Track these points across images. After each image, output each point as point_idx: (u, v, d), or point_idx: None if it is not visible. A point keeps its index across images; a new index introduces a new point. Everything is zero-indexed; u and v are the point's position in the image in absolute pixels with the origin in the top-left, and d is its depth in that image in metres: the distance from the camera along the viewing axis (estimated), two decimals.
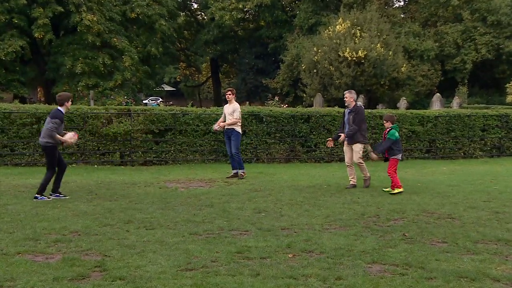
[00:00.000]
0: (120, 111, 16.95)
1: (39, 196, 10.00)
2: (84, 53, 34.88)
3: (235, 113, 13.59)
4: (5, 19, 33.20)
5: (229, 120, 13.61)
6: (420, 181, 13.28)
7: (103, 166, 15.97)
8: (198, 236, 7.15)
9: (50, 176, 10.18)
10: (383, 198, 10.55)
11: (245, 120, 17.42)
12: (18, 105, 16.40)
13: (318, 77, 35.39)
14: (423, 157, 19.59)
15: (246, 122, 17.42)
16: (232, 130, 13.61)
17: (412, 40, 40.42)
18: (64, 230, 7.36)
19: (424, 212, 9.09)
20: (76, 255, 6.11)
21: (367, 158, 16.79)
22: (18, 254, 6.15)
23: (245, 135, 17.48)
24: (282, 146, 18.10)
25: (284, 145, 18.14)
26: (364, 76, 33.66)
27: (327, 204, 9.81)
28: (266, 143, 17.85)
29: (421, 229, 7.71)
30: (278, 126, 18.00)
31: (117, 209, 8.97)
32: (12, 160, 15.45)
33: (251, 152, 17.73)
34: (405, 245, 6.75)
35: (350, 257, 6.19)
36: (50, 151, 10.14)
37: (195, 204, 9.65)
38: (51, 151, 10.13)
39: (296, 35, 44.06)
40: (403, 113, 19.90)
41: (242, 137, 17.33)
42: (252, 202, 9.93)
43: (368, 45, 33.36)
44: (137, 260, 5.92)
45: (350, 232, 7.48)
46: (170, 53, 48.54)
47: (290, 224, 7.99)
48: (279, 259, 6.07)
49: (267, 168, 16.19)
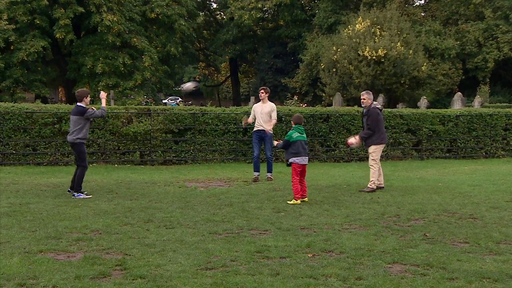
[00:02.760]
0: (140, 110, 17.07)
1: (76, 194, 10.22)
2: (104, 53, 35.15)
3: (273, 113, 12.93)
4: (27, 20, 33.59)
5: (266, 120, 12.89)
6: (441, 181, 13.16)
7: (123, 166, 16.08)
8: (217, 235, 7.17)
9: (82, 171, 10.41)
10: (404, 198, 10.47)
11: None
12: (40, 105, 16.59)
13: (337, 76, 35.26)
14: (444, 157, 19.41)
15: None
16: (265, 131, 12.90)
17: (433, 39, 40.03)
18: (85, 229, 7.43)
19: (445, 212, 9.02)
20: (97, 254, 6.16)
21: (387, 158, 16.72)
22: (41, 252, 6.22)
23: None
24: None
25: None
26: (384, 75, 33.44)
27: (347, 203, 9.78)
28: None
29: (442, 229, 7.64)
30: None
31: (137, 208, 9.04)
32: (34, 160, 15.64)
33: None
34: (426, 245, 6.70)
35: (370, 257, 6.16)
36: (78, 146, 10.39)
37: (214, 203, 9.68)
38: (80, 146, 10.38)
39: (315, 34, 43.90)
40: (423, 113, 19.74)
41: None
42: (271, 201, 9.93)
43: (388, 43, 33.14)
44: (157, 259, 5.96)
45: (370, 232, 7.44)
46: (190, 53, 48.69)
47: (309, 223, 7.98)
48: (299, 259, 6.06)
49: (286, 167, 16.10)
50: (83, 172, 10.41)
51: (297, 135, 10.02)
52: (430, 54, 39.66)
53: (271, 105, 13.10)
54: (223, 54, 56.67)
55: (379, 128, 11.59)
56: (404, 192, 11.25)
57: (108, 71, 34.79)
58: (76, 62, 36.13)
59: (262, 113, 12.99)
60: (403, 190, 11.57)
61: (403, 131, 19.04)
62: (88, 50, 35.59)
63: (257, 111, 13.14)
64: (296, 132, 10.05)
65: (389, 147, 18.72)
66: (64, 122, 15.69)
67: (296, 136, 10.01)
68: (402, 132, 19.02)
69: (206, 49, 60.90)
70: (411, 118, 19.14)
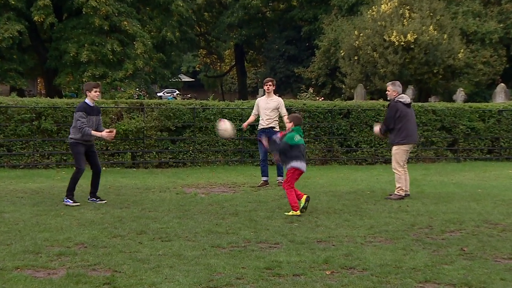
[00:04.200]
0: (131, 105, 17.12)
1: (66, 199, 10.31)
2: (90, 39, 35.19)
3: (281, 108, 12.90)
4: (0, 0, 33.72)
5: (271, 117, 12.84)
6: (481, 187, 13.12)
7: (112, 169, 16.14)
8: (221, 249, 7.18)
9: (77, 175, 10.48)
10: (437, 206, 10.45)
11: None
12: (15, 99, 16.67)
13: (359, 65, 35.18)
14: (484, 158, 19.34)
15: None
16: (272, 130, 12.77)
17: (472, 21, 39.83)
18: (69, 241, 7.46)
19: (485, 223, 8.99)
20: (82, 271, 6.18)
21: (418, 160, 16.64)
22: (17, 269, 6.25)
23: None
24: (317, 146, 18.06)
25: (320, 144, 18.10)
26: (413, 63, 33.32)
27: (371, 213, 9.76)
28: None
29: (483, 242, 7.62)
30: (313, 123, 17.96)
31: (128, 218, 9.06)
32: (9, 162, 15.72)
33: None
34: (464, 262, 6.69)
35: (398, 274, 6.15)
36: (73, 147, 10.51)
37: (217, 212, 9.69)
38: (74, 147, 10.48)
39: (334, 17, 43.83)
40: (460, 107, 19.68)
41: None
42: (283, 210, 9.93)
43: (418, 27, 33.01)
44: (152, 277, 5.97)
45: (398, 245, 7.43)
46: (189, 38, 48.73)
47: (327, 236, 7.97)
48: (315, 277, 6.06)
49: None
50: (77, 176, 10.47)
51: (298, 139, 9.82)
52: (468, 39, 39.46)
53: (279, 100, 13.07)
54: (227, 39, 56.73)
55: (400, 125, 11.42)
56: (438, 199, 11.22)
57: (95, 60, 34.84)
58: (57, 49, 36.21)
59: (267, 108, 12.93)
60: (436, 197, 11.54)
61: (436, 128, 18.99)
62: (71, 35, 35.65)
63: (261, 106, 13.10)
64: (297, 134, 9.86)
65: (420, 147, 18.68)
66: (44, 119, 15.76)
67: (298, 140, 9.81)
68: (435, 130, 18.97)
69: (208, 34, 60.96)
70: (446, 113, 19.09)
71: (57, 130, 15.97)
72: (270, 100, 13.01)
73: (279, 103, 12.99)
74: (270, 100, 13.02)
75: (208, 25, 60.91)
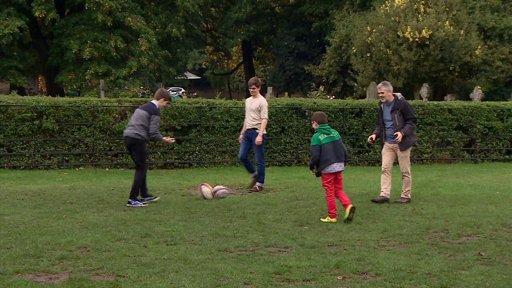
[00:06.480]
0: (135, 104, 17.13)
1: (133, 202, 10.42)
2: (93, 35, 35.26)
3: (262, 110, 12.75)
4: None
5: (254, 118, 12.79)
6: (499, 189, 13.08)
7: (115, 169, 16.17)
8: (228, 253, 7.18)
9: (141, 175, 10.61)
10: (453, 209, 10.42)
11: (284, 114, 17.43)
12: (16, 97, 16.72)
13: (372, 62, 35.12)
14: (502, 159, 19.28)
15: (285, 116, 17.43)
16: (255, 131, 12.78)
17: (490, 16, 39.68)
18: (71, 245, 7.48)
19: (504, 226, 8.97)
20: (84, 275, 6.20)
21: None
22: (17, 273, 6.27)
23: (283, 133, 17.50)
24: None
25: None
26: (429, 60, 33.23)
27: (384, 216, 9.75)
28: (309, 142, 17.80)
29: (501, 247, 7.60)
30: None
31: (132, 221, 9.08)
32: (10, 163, 15.77)
33: (291, 153, 17.72)
34: (481, 267, 6.67)
35: (412, 280, 6.14)
36: (141, 145, 10.59)
37: (224, 215, 9.70)
38: (141, 146, 10.59)
39: (346, 12, 43.77)
40: (477, 106, 19.62)
41: (280, 135, 17.37)
42: (293, 213, 9.93)
43: (434, 23, 32.93)
44: (157, 282, 5.98)
45: (412, 250, 7.42)
46: (195, 34, 48.77)
47: (338, 239, 7.97)
48: (326, 282, 6.06)
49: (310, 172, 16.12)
50: (141, 176, 10.63)
51: (324, 137, 9.51)
52: (486, 35, 39.31)
53: (260, 101, 12.87)
54: (235, 36, 56.67)
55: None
56: (454, 202, 11.19)
57: (98, 57, 34.91)
58: (59, 45, 36.32)
59: (250, 109, 12.90)
60: (452, 199, 11.52)
61: (452, 128, 18.94)
62: (73, 32, 35.75)
63: (246, 107, 13.15)
64: (321, 133, 9.56)
65: (436, 148, 18.62)
66: (45, 118, 15.80)
67: (324, 139, 9.50)
68: (451, 130, 18.92)
69: (215, 30, 60.97)
70: (462, 112, 19.03)
71: (59, 129, 15.99)
72: (254, 100, 12.95)
73: (260, 104, 12.79)
74: (256, 100, 12.93)
75: (215, 20, 60.93)
